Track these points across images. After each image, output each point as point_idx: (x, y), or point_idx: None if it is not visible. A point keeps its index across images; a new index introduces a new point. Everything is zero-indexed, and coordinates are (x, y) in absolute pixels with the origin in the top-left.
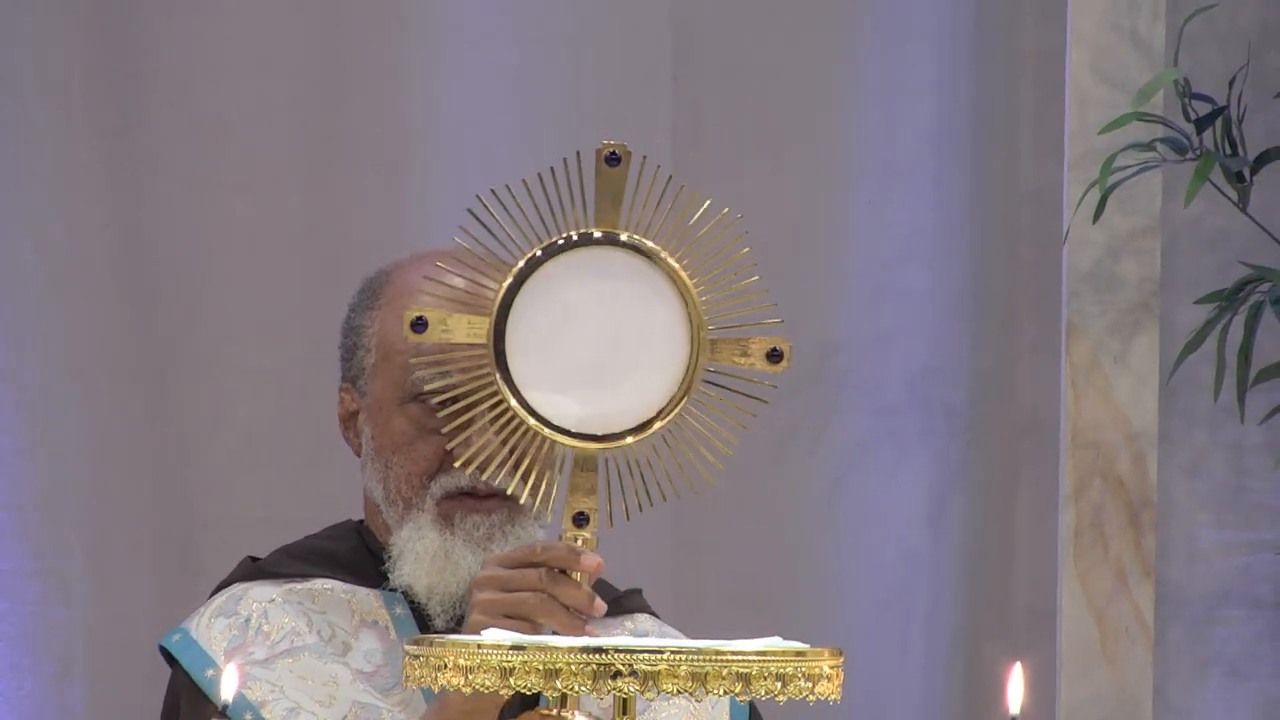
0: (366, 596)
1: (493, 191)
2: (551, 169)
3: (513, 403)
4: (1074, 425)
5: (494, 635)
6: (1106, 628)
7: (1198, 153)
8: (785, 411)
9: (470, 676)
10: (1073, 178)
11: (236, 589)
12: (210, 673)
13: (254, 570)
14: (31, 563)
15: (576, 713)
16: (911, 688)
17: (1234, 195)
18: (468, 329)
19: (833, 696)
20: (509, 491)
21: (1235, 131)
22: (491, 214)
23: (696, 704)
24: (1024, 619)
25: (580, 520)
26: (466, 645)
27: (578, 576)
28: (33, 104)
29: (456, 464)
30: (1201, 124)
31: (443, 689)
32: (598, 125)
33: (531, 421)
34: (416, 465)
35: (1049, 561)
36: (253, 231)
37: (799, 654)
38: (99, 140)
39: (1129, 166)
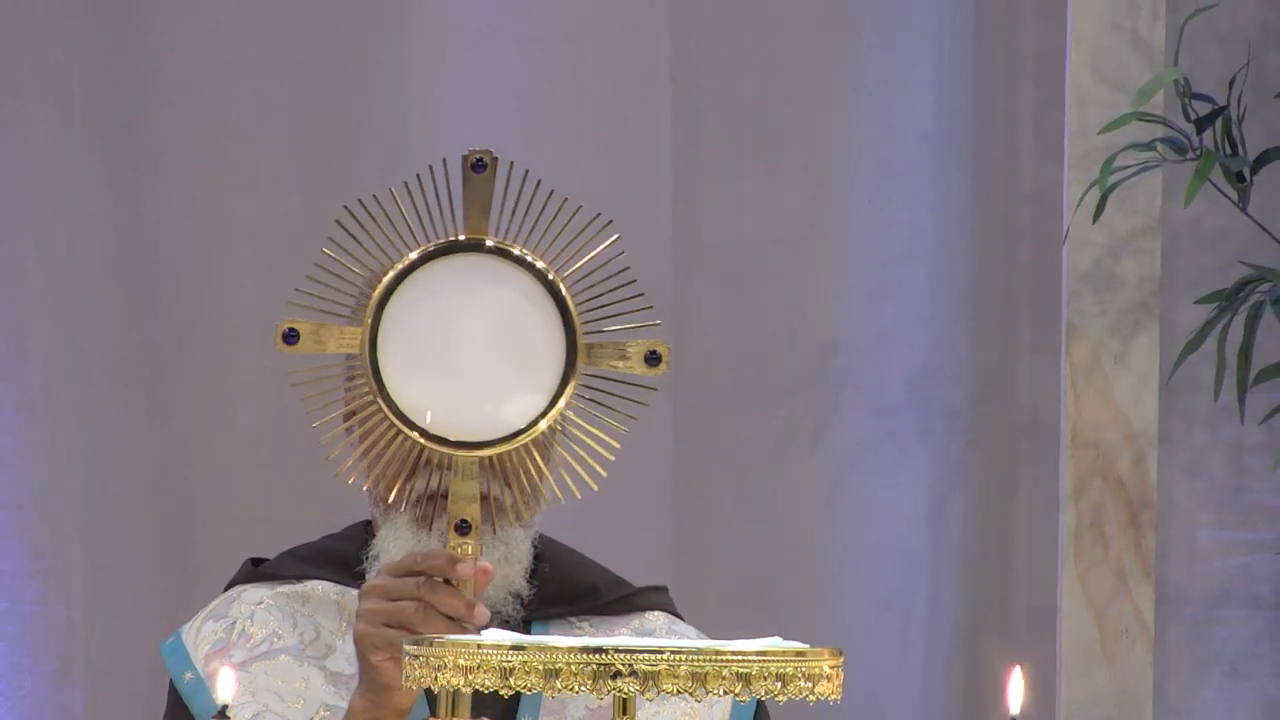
0: (357, 598)
1: (360, 201)
2: (418, 176)
3: (388, 412)
4: (1074, 425)
5: (494, 635)
6: (1106, 628)
7: (1198, 153)
8: (785, 411)
9: (470, 676)
10: (1073, 178)
11: (233, 591)
12: (188, 676)
13: (252, 572)
14: (31, 563)
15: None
16: (911, 688)
17: (1234, 195)
18: (339, 339)
19: (833, 696)
20: (389, 501)
21: (1235, 131)
22: (359, 224)
23: (695, 704)
24: (1024, 619)
25: (463, 528)
26: (466, 645)
27: (462, 585)
28: (33, 104)
29: (338, 474)
30: (1201, 124)
31: (351, 701)
32: (598, 125)
33: (408, 431)
34: (391, 468)
35: (1049, 561)
36: (253, 231)
37: (799, 654)
38: (99, 140)
39: (1129, 166)
